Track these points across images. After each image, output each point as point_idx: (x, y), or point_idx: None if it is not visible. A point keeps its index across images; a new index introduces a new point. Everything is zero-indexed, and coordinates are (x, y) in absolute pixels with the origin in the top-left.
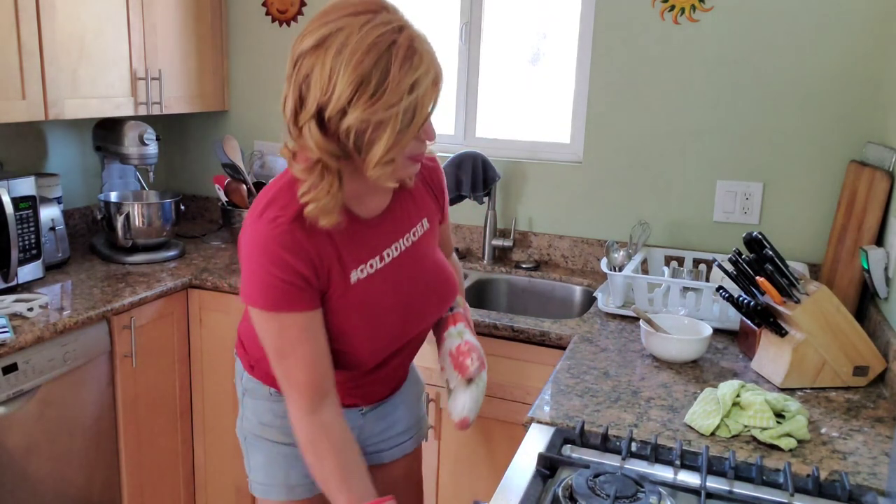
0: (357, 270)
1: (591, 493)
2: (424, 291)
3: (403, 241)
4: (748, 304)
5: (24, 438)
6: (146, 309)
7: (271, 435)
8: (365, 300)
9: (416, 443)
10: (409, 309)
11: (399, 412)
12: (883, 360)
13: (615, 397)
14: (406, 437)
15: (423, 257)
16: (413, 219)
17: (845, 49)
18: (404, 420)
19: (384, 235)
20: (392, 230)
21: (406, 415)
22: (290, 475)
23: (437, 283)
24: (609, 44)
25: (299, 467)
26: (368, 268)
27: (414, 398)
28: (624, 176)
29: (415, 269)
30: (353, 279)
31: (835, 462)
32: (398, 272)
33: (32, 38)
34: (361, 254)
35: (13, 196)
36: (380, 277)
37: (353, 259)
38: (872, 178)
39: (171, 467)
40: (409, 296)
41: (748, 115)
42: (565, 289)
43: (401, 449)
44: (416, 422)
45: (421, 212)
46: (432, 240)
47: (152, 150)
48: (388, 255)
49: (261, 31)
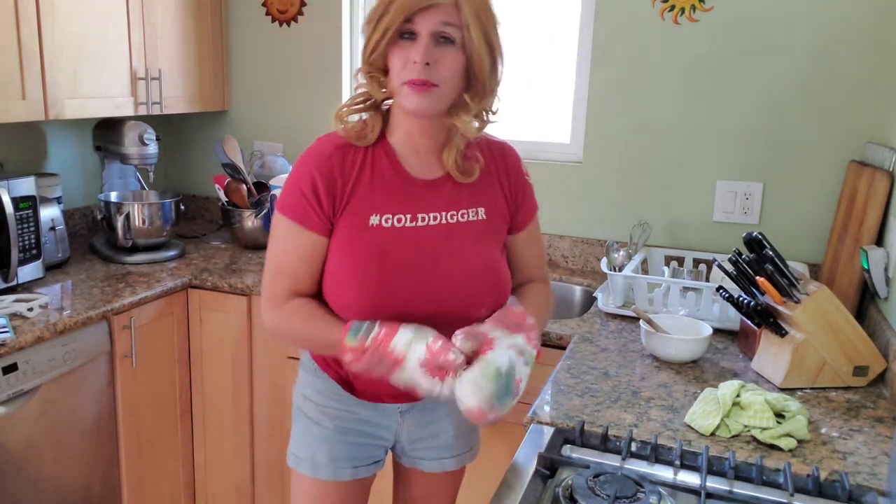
0: (379, 216)
1: (590, 494)
2: (451, 276)
3: (448, 214)
4: (748, 304)
5: (24, 438)
6: (146, 309)
7: (308, 410)
8: (379, 247)
9: (460, 463)
10: (425, 281)
11: (443, 423)
12: (883, 360)
13: (615, 397)
14: (449, 454)
15: (464, 243)
16: (463, 201)
17: (845, 49)
18: (448, 434)
19: (426, 199)
20: (439, 199)
21: (451, 429)
22: (317, 454)
23: (472, 277)
24: (609, 44)
25: (326, 449)
26: (395, 220)
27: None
28: (624, 176)
29: (448, 248)
30: (372, 222)
31: (835, 462)
32: (427, 240)
33: (32, 38)
34: (392, 203)
35: (13, 196)
36: (404, 234)
37: (381, 204)
38: (872, 178)
39: (171, 467)
40: (431, 269)
41: (748, 115)
42: (565, 289)
43: (440, 464)
44: (464, 441)
45: (478, 200)
46: (487, 234)
47: (152, 150)
48: (423, 218)
49: (261, 31)
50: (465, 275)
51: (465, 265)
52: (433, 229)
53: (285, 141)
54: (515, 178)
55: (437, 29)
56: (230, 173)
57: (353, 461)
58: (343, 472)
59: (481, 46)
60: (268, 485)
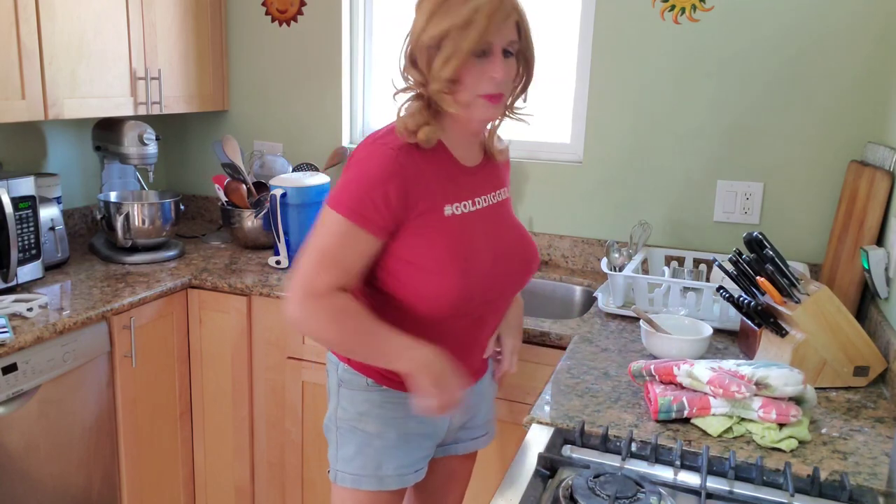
0: (451, 206)
1: (591, 494)
2: (511, 246)
3: (492, 196)
4: (748, 304)
5: (23, 438)
6: (146, 309)
7: (368, 425)
8: (459, 235)
9: (489, 440)
10: (498, 257)
11: (484, 403)
12: (883, 360)
13: (615, 397)
14: (482, 432)
15: (507, 217)
16: (496, 181)
17: (845, 49)
18: (484, 412)
19: (477, 183)
20: (484, 182)
21: (486, 408)
22: (383, 466)
23: (522, 245)
24: (609, 44)
25: (392, 459)
26: (463, 207)
27: (491, 395)
28: (624, 176)
29: (502, 223)
30: (448, 212)
31: (835, 462)
32: (488, 220)
33: (32, 38)
34: (457, 192)
35: (13, 196)
36: (471, 219)
37: (449, 195)
38: (873, 177)
39: (171, 467)
40: (499, 244)
41: (748, 115)
42: (565, 289)
43: (474, 444)
44: (492, 419)
45: (503, 180)
46: (512, 208)
47: (152, 150)
48: (479, 202)
49: (261, 31)
50: (519, 243)
51: (516, 235)
52: (487, 210)
53: (285, 141)
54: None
55: (506, 47)
56: (230, 173)
57: (416, 465)
58: (408, 479)
59: (531, 53)
60: (267, 485)
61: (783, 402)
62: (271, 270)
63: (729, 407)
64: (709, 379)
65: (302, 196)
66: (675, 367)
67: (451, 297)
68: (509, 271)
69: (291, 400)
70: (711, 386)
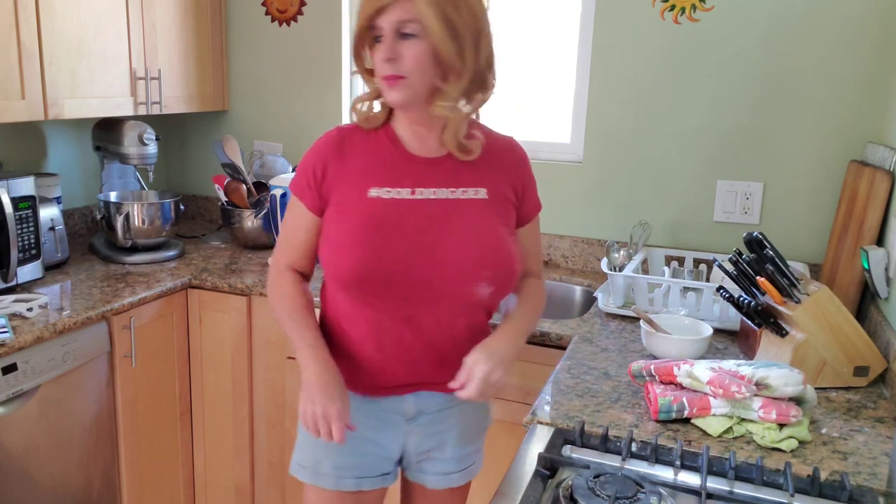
0: (380, 189)
1: (591, 494)
2: (454, 246)
3: (446, 191)
4: (749, 304)
5: (23, 438)
6: (146, 309)
7: None
8: (377, 216)
9: (466, 478)
10: (416, 250)
11: (451, 433)
12: (883, 361)
13: (615, 397)
14: (455, 468)
15: (464, 217)
16: (464, 179)
17: (845, 49)
18: (455, 446)
19: (427, 175)
20: (438, 176)
21: (459, 440)
22: (322, 462)
23: (465, 250)
24: (609, 44)
25: (330, 457)
26: (395, 192)
27: (474, 428)
28: (624, 176)
29: (446, 221)
30: (372, 194)
31: (835, 462)
32: (425, 212)
33: (32, 38)
34: (392, 178)
35: (13, 196)
36: (403, 205)
37: (382, 178)
38: (873, 177)
39: (171, 467)
40: (424, 238)
41: (748, 115)
42: (565, 289)
43: (446, 479)
44: (471, 455)
45: (480, 181)
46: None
47: (152, 150)
48: (422, 192)
49: (261, 31)
50: (457, 247)
51: (459, 238)
52: (432, 202)
53: (285, 141)
54: (523, 172)
55: (397, 27)
56: (230, 173)
57: (358, 471)
58: (346, 482)
59: (441, 33)
60: (267, 485)
61: (783, 403)
62: None
63: (729, 407)
64: (709, 379)
65: None
66: (676, 367)
67: (350, 272)
68: (445, 273)
69: (291, 400)
70: (711, 386)
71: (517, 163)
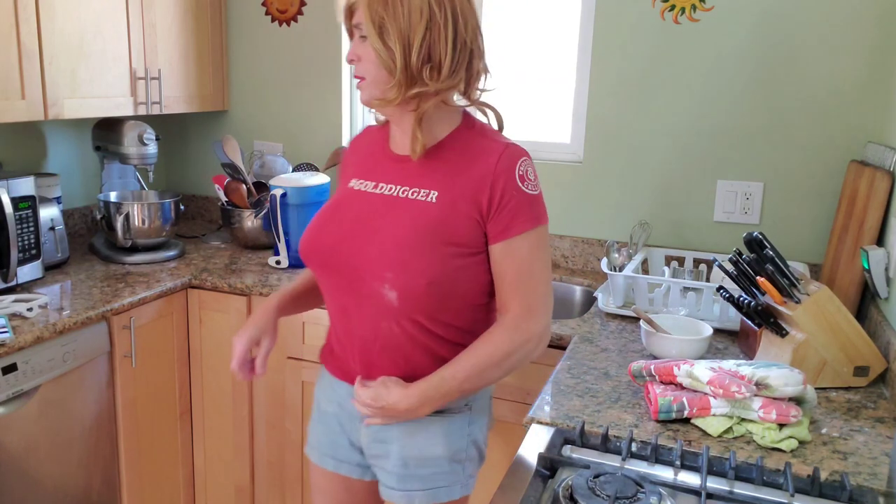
0: (359, 181)
1: (591, 494)
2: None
3: (397, 188)
4: (749, 304)
5: (23, 438)
6: (146, 309)
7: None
8: (339, 203)
9: (408, 499)
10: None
11: (394, 446)
12: (883, 361)
13: (615, 397)
14: (396, 484)
15: (396, 216)
16: (414, 180)
17: (845, 49)
18: (396, 461)
19: (391, 171)
20: (397, 173)
21: (401, 457)
22: (311, 434)
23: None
24: (609, 44)
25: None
26: (362, 185)
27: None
28: (624, 176)
29: (380, 216)
30: (352, 185)
31: (835, 462)
32: (370, 204)
33: (32, 38)
34: (370, 171)
35: (13, 196)
36: (361, 196)
37: (364, 171)
38: (873, 177)
39: (171, 467)
40: (354, 228)
41: (748, 115)
42: (565, 289)
43: (387, 493)
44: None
45: (432, 184)
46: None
47: (152, 150)
48: (380, 186)
49: (261, 31)
50: (371, 243)
51: (376, 235)
52: (380, 197)
53: (285, 141)
54: (496, 183)
55: (353, 30)
56: (230, 173)
57: (333, 451)
58: (327, 461)
59: (376, 40)
60: (267, 485)
61: (783, 403)
62: (271, 270)
63: (729, 407)
64: (709, 379)
65: (302, 196)
66: (676, 367)
67: (300, 247)
68: (356, 264)
69: (291, 400)
70: (711, 386)
71: (494, 176)
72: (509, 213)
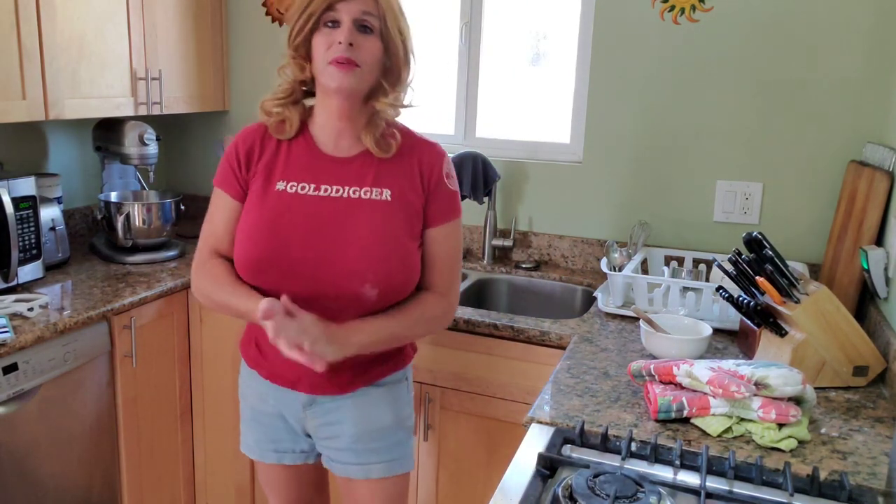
0: (285, 182)
1: (590, 493)
2: (334, 244)
3: (348, 189)
4: (748, 304)
5: (24, 438)
6: (146, 309)
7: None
8: (279, 209)
9: (365, 474)
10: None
11: (346, 426)
12: (883, 360)
13: (615, 397)
14: (353, 459)
15: (358, 218)
16: (368, 180)
17: (845, 49)
18: (350, 438)
19: (334, 173)
20: (344, 175)
21: (355, 433)
22: (247, 436)
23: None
24: (609, 44)
25: (249, 432)
26: (299, 187)
27: (376, 424)
28: (624, 176)
29: (341, 219)
30: (280, 187)
31: (835, 462)
32: (324, 209)
33: (32, 39)
34: (298, 172)
35: (13, 196)
36: (305, 201)
37: (288, 172)
38: (872, 178)
39: (171, 467)
40: (318, 235)
41: (748, 115)
42: (565, 289)
43: (344, 469)
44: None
45: (385, 182)
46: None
47: (152, 150)
48: (326, 189)
49: (261, 31)
50: (346, 246)
51: (349, 237)
52: (333, 200)
53: None
54: (431, 174)
55: (359, 17)
56: None
57: (275, 444)
58: (268, 455)
59: (397, 37)
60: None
61: (783, 402)
62: None
63: (728, 407)
64: (708, 379)
65: None
66: (675, 366)
67: (244, 262)
68: (333, 270)
69: None
70: (711, 386)
71: (432, 164)
72: (444, 201)
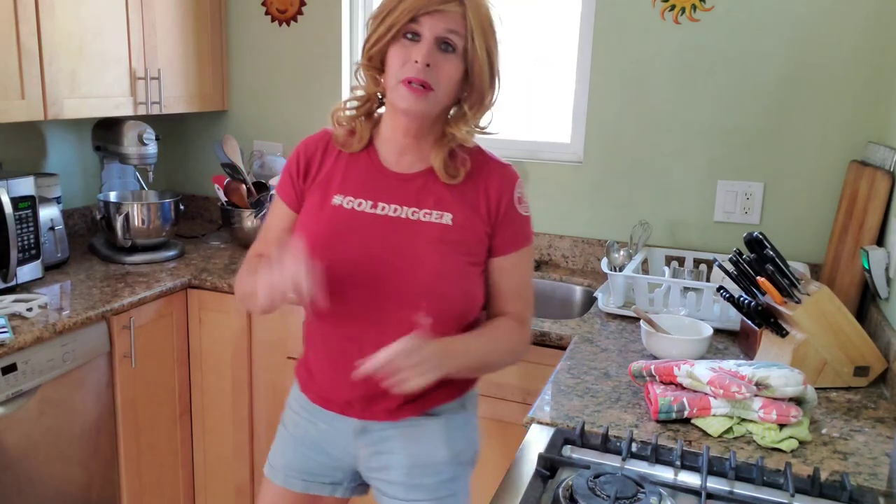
0: (343, 196)
1: (591, 494)
2: (390, 267)
3: (408, 210)
4: (749, 304)
5: (23, 438)
6: (145, 309)
7: (284, 414)
8: (335, 225)
9: None
10: (364, 267)
11: (396, 456)
12: (884, 361)
13: (615, 397)
14: (403, 495)
15: (416, 241)
16: (430, 202)
17: (846, 48)
18: (401, 472)
19: (393, 191)
20: (404, 194)
21: (406, 467)
22: (276, 456)
23: (408, 275)
24: (609, 44)
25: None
26: (356, 203)
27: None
28: (624, 176)
29: (397, 240)
30: (336, 202)
31: (835, 462)
32: (381, 228)
33: (31, 38)
34: (357, 187)
35: (12, 196)
36: (361, 218)
37: (347, 186)
38: (873, 178)
39: (171, 467)
40: (373, 255)
41: (749, 115)
42: (565, 289)
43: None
44: (427, 488)
45: (447, 206)
46: (448, 240)
47: (152, 150)
48: (384, 207)
49: (261, 31)
50: (401, 271)
51: (405, 261)
52: (390, 220)
53: (285, 141)
54: (500, 201)
55: (442, 34)
56: (230, 173)
57: (305, 474)
58: (293, 483)
59: (483, 58)
60: None
61: (783, 403)
62: None
63: (729, 407)
64: (709, 379)
65: None
66: (676, 367)
67: None
68: (385, 295)
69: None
70: (712, 386)
71: (497, 192)
72: (514, 228)
